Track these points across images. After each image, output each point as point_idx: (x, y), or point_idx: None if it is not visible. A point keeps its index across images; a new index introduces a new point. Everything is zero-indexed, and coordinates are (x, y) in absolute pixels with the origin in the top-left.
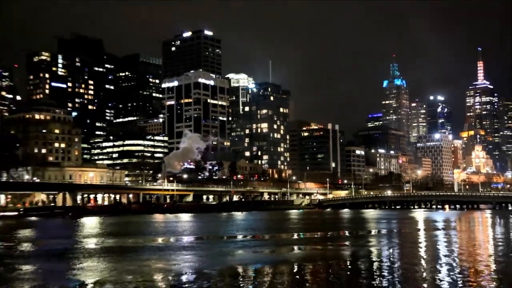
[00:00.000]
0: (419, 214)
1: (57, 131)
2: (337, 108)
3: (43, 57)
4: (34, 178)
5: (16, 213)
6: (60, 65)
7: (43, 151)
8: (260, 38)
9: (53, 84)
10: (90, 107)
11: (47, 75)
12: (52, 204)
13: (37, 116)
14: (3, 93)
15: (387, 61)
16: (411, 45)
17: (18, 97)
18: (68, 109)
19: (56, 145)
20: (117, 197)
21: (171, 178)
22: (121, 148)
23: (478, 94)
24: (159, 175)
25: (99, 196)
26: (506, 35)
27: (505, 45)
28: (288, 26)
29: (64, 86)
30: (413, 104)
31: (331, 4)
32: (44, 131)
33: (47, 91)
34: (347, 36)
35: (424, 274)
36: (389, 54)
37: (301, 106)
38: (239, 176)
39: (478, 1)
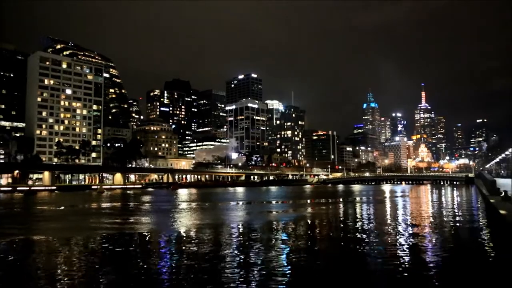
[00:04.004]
0: (386, 187)
1: (163, 137)
2: (335, 121)
3: (156, 92)
4: (150, 165)
5: (140, 186)
6: (165, 97)
7: (156, 149)
8: (286, 77)
9: (161, 108)
10: (183, 122)
11: (158, 103)
12: (161, 181)
13: (152, 128)
14: (133, 114)
15: (366, 90)
16: (381, 80)
17: (142, 117)
18: (170, 123)
19: (163, 145)
20: (199, 177)
21: (231, 165)
22: (200, 147)
23: (422, 112)
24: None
25: (188, 176)
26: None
27: (439, 81)
28: (304, 69)
29: (168, 110)
30: (382, 118)
31: (332, 57)
32: (156, 137)
33: (158, 113)
34: (342, 74)
35: (389, 223)
36: (367, 86)
37: (312, 120)
38: (273, 164)
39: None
